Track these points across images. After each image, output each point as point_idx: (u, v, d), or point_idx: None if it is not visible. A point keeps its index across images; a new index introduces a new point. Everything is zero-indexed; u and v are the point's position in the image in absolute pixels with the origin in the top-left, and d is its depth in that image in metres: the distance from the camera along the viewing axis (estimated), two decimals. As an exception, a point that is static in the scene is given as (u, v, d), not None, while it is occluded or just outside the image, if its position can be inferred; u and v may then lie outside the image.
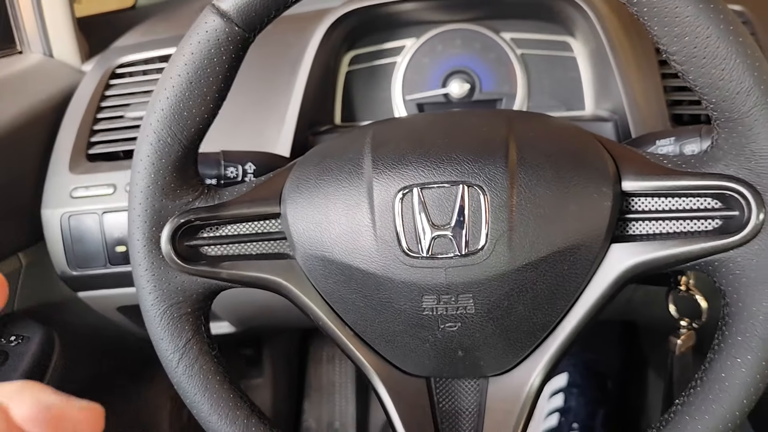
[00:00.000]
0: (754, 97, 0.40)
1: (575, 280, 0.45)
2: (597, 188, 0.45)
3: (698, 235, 0.45)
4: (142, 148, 0.47)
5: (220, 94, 0.46)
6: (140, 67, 0.83)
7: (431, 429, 0.50)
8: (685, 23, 0.40)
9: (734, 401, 0.43)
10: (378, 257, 0.45)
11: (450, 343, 0.47)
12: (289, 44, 0.78)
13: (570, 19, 0.76)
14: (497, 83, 0.79)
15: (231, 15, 0.44)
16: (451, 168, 0.45)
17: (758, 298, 0.43)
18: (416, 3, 0.77)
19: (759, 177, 0.42)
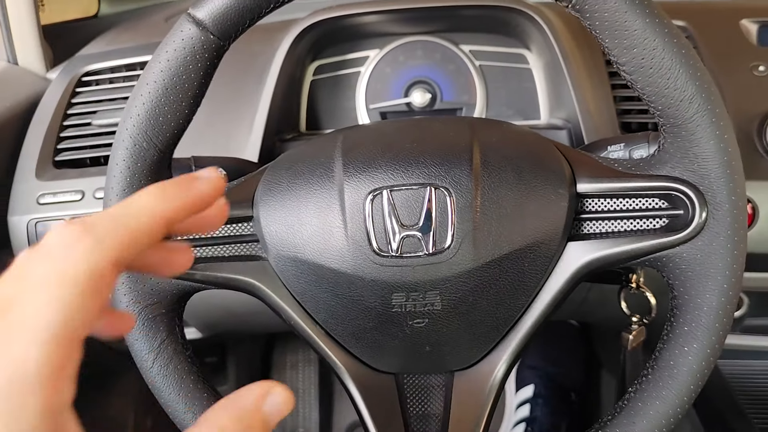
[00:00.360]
0: (696, 104, 0.44)
1: (535, 276, 0.48)
2: (554, 190, 0.47)
3: (647, 233, 0.48)
4: (118, 152, 0.47)
5: (195, 100, 0.47)
6: (107, 75, 0.83)
7: (400, 423, 0.51)
8: (633, 36, 0.43)
9: (682, 387, 0.46)
10: (349, 257, 0.47)
11: (418, 339, 0.49)
12: (256, 54, 0.80)
13: (525, 32, 0.79)
14: (457, 93, 0.82)
15: (206, 24, 0.45)
16: (419, 171, 0.47)
17: (702, 291, 0.46)
18: (379, 15, 0.79)
19: (701, 178, 0.45)
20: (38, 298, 0.24)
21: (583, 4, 0.43)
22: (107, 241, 0.26)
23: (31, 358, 0.23)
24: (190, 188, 0.30)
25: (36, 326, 0.23)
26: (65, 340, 0.24)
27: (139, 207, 0.28)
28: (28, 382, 0.23)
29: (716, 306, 0.45)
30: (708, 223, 0.45)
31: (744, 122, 0.70)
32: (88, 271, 0.25)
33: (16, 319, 0.23)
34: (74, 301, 0.24)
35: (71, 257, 0.25)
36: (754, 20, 0.78)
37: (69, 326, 0.24)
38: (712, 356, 0.46)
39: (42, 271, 0.24)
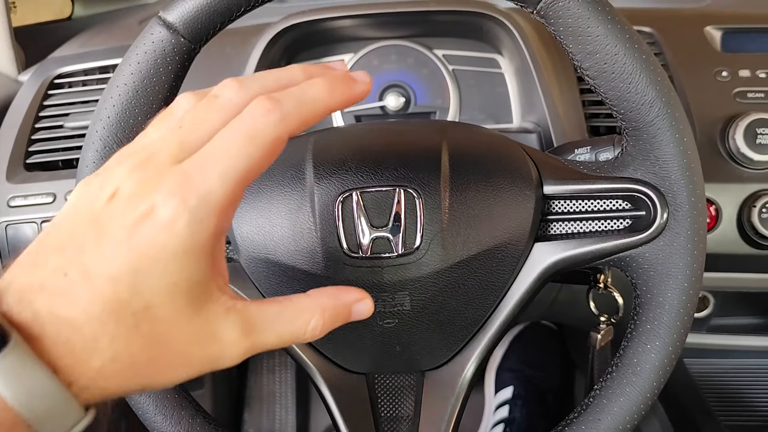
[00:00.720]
0: (656, 108, 0.45)
1: (503, 276, 0.49)
2: (521, 191, 0.48)
3: (611, 233, 0.49)
4: (88, 154, 0.47)
5: (166, 102, 0.47)
6: (79, 77, 0.83)
7: (371, 422, 0.52)
8: (596, 41, 0.44)
9: (646, 384, 0.47)
10: (320, 258, 0.47)
11: (388, 339, 0.50)
12: (230, 57, 0.80)
13: (497, 38, 0.80)
14: (431, 97, 0.83)
15: (177, 27, 0.45)
16: (389, 173, 0.47)
17: (664, 290, 0.47)
18: (353, 20, 0.80)
19: (662, 180, 0.47)
20: (233, 147, 0.31)
21: (548, 11, 0.44)
22: (289, 119, 0.32)
23: (216, 190, 0.30)
24: (352, 89, 0.36)
25: (226, 168, 0.30)
26: (241, 184, 0.31)
27: (314, 96, 0.34)
28: (211, 208, 0.30)
29: (677, 304, 0.47)
30: (669, 223, 0.47)
31: (707, 126, 0.72)
32: (273, 137, 0.32)
33: (213, 157, 0.30)
34: (257, 157, 0.31)
35: (263, 124, 0.31)
36: (717, 27, 0.80)
37: (247, 175, 0.31)
38: (674, 353, 0.47)
39: (238, 128, 0.31)
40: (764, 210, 0.68)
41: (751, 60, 0.77)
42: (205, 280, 0.31)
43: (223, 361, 0.33)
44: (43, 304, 0.28)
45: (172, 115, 0.34)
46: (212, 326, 0.32)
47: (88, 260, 0.29)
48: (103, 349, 0.29)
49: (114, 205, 0.30)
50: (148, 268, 0.29)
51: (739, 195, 0.70)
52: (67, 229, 0.30)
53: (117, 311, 0.29)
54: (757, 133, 0.69)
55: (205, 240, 0.30)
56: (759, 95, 0.74)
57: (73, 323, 0.28)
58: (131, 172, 0.31)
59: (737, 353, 0.87)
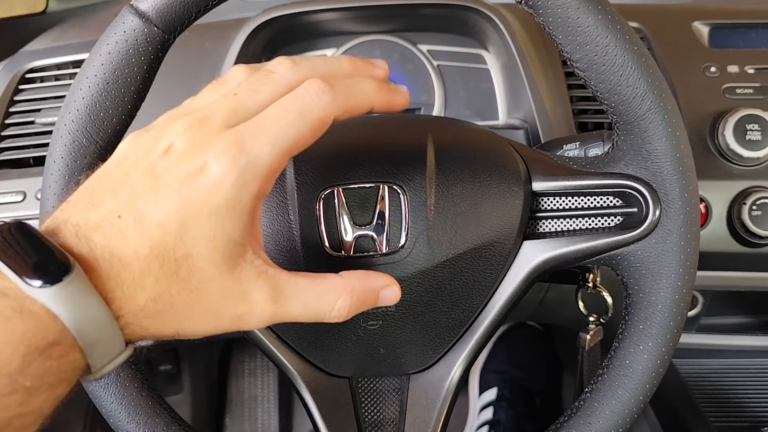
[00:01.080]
0: (648, 101, 0.44)
1: (490, 275, 0.47)
2: (509, 188, 0.47)
3: (602, 231, 0.48)
4: (56, 149, 0.45)
5: (138, 95, 0.46)
6: (52, 72, 0.80)
7: (354, 428, 0.51)
8: (586, 33, 0.43)
9: (638, 386, 0.46)
10: (301, 258, 0.45)
11: (372, 342, 0.48)
12: (209, 52, 0.78)
13: (483, 33, 0.79)
14: (415, 93, 0.82)
15: (150, 15, 0.43)
16: (372, 169, 0.46)
17: (656, 288, 0.46)
18: (335, 13, 0.78)
19: (654, 175, 0.46)
20: (285, 119, 0.33)
21: (536, 1, 0.43)
22: (338, 103, 0.35)
23: (265, 155, 0.33)
24: (395, 98, 0.39)
25: (277, 137, 0.33)
26: (287, 153, 0.34)
27: (364, 89, 0.37)
28: (257, 171, 0.33)
29: (670, 303, 0.45)
30: (661, 220, 0.46)
31: (696, 122, 0.71)
32: (322, 117, 0.35)
33: (265, 125, 0.33)
34: (305, 131, 0.34)
35: (315, 103, 0.34)
36: (705, 22, 0.79)
37: (294, 146, 0.34)
38: (667, 354, 0.46)
39: (293, 102, 0.34)
40: (755, 207, 0.67)
41: (739, 55, 0.76)
42: (241, 239, 0.34)
43: (249, 321, 0.36)
44: (99, 241, 0.31)
45: (226, 83, 0.37)
46: (243, 286, 0.35)
47: (140, 205, 0.32)
48: (147, 287, 0.32)
49: (169, 158, 0.33)
50: (193, 220, 0.32)
51: (729, 192, 0.69)
52: (121, 176, 0.34)
53: (162, 255, 0.32)
54: (746, 129, 0.68)
55: (247, 200, 0.33)
56: (748, 91, 0.73)
57: (124, 261, 0.31)
58: (186, 130, 0.33)
59: (727, 353, 0.86)
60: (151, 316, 0.33)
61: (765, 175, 0.69)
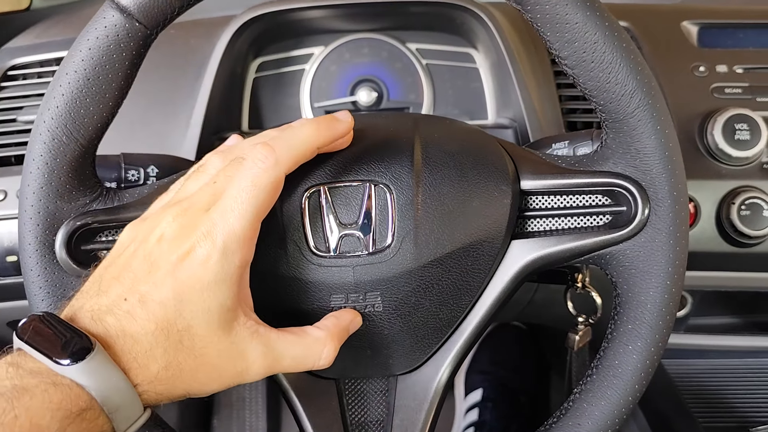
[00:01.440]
0: (637, 99, 0.43)
1: (478, 275, 0.47)
2: (497, 186, 0.46)
3: (591, 230, 0.48)
4: (35, 147, 0.44)
5: (120, 92, 0.45)
6: (34, 69, 0.79)
7: (340, 430, 0.50)
8: (574, 29, 0.42)
9: (628, 386, 0.46)
10: (285, 257, 0.45)
11: (358, 343, 0.47)
12: (194, 49, 0.77)
13: (472, 31, 0.79)
14: (404, 92, 0.81)
15: (131, 10, 0.42)
16: (358, 167, 0.45)
17: (645, 288, 0.46)
18: (322, 11, 0.78)
19: (643, 174, 0.45)
20: (242, 194, 0.39)
21: None
22: (283, 161, 0.40)
23: (236, 230, 0.38)
24: (336, 128, 0.44)
25: (239, 212, 0.38)
26: (255, 220, 0.39)
27: (303, 137, 0.42)
28: (235, 245, 0.38)
29: (659, 303, 0.45)
30: (650, 219, 0.45)
31: (685, 122, 0.71)
32: (272, 180, 0.39)
33: (230, 204, 0.38)
34: (262, 198, 0.39)
35: (262, 170, 0.39)
36: (694, 22, 0.79)
37: (258, 212, 0.39)
38: (656, 354, 0.46)
39: (244, 176, 0.39)
40: (743, 207, 0.67)
41: (728, 55, 0.76)
42: (233, 306, 0.39)
43: (248, 376, 0.40)
44: (112, 322, 0.37)
45: (206, 171, 0.43)
46: (239, 346, 0.39)
47: (143, 288, 0.37)
48: (158, 357, 0.37)
49: (162, 245, 0.38)
50: (188, 296, 0.37)
51: (718, 192, 0.69)
52: (123, 264, 0.39)
53: (166, 328, 0.37)
54: (735, 128, 0.68)
55: (232, 271, 0.38)
56: (736, 90, 0.73)
57: (135, 337, 0.36)
58: (174, 219, 0.39)
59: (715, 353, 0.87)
60: (163, 382, 0.37)
61: (754, 174, 0.69)
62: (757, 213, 0.67)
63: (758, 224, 0.67)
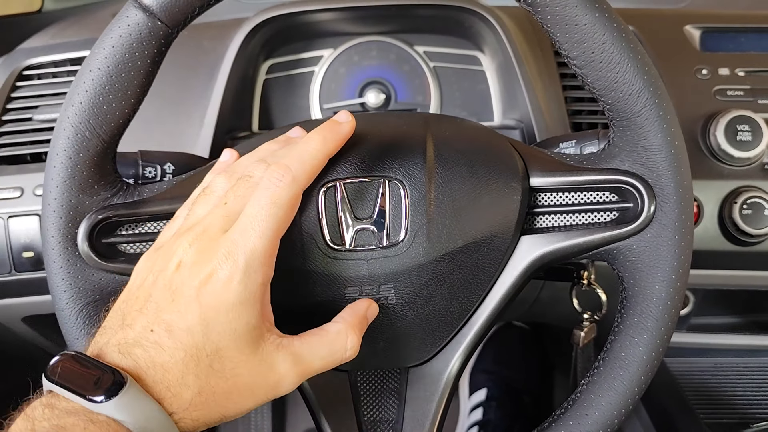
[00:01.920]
0: (644, 98, 0.45)
1: (489, 269, 0.48)
2: (507, 183, 0.48)
3: (598, 226, 0.49)
4: (59, 141, 0.46)
5: (142, 89, 0.46)
6: (50, 69, 0.80)
7: (353, 421, 0.51)
8: (583, 30, 0.44)
9: (633, 378, 0.47)
10: (301, 251, 0.46)
11: (371, 335, 0.48)
12: (207, 50, 0.78)
13: (479, 34, 0.80)
14: (411, 94, 0.82)
15: (154, 9, 0.44)
16: (373, 163, 0.46)
17: (651, 282, 0.47)
18: (332, 14, 0.79)
19: (650, 171, 0.46)
20: (262, 212, 0.39)
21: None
22: (299, 178, 0.41)
23: (258, 249, 0.38)
24: (340, 131, 0.45)
25: (260, 231, 0.39)
26: (275, 238, 0.40)
27: (312, 152, 0.43)
28: (257, 264, 0.38)
29: (665, 296, 0.46)
30: (656, 215, 0.46)
31: (688, 123, 0.72)
32: (291, 197, 0.40)
33: (250, 223, 0.39)
34: (281, 215, 0.40)
35: (281, 189, 0.40)
36: (697, 26, 0.81)
37: (278, 230, 0.40)
38: (661, 346, 0.47)
39: (263, 195, 0.40)
40: (745, 206, 0.68)
41: (730, 59, 0.77)
42: (258, 324, 0.39)
43: (282, 388, 0.41)
44: (140, 354, 0.37)
45: (213, 192, 0.43)
46: (268, 361, 0.40)
47: (167, 318, 0.37)
48: (190, 384, 0.37)
49: (182, 272, 0.38)
50: (214, 319, 0.38)
51: (720, 191, 0.70)
52: (144, 295, 0.39)
53: (196, 354, 0.37)
54: (737, 129, 0.69)
55: (255, 290, 0.39)
56: (738, 93, 0.74)
57: (165, 366, 0.36)
58: (191, 245, 0.39)
59: (717, 352, 0.87)
60: (198, 408, 0.37)
61: (755, 174, 0.70)
62: (758, 212, 0.68)
63: (760, 223, 0.68)
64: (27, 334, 0.82)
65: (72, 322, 0.47)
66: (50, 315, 0.48)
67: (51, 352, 0.85)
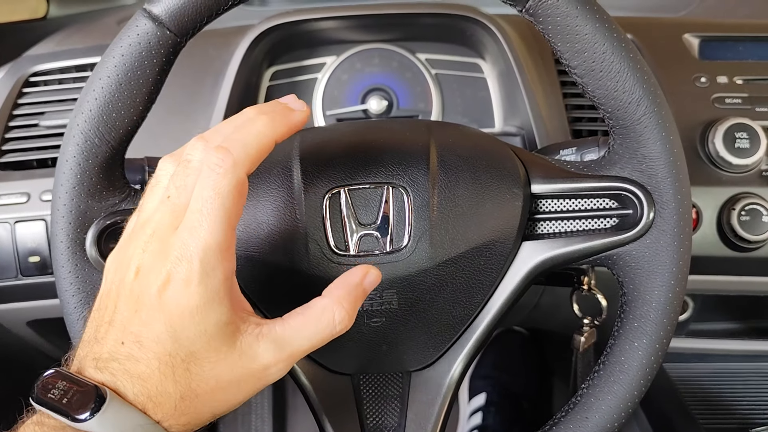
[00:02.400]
0: (644, 106, 0.45)
1: (491, 274, 0.49)
2: (509, 189, 0.48)
3: (598, 232, 0.49)
4: (69, 148, 0.46)
5: (150, 97, 0.47)
6: (56, 75, 0.81)
7: (356, 425, 0.51)
8: (584, 40, 0.44)
9: (633, 381, 0.47)
10: (307, 257, 0.46)
11: (375, 338, 0.49)
12: (212, 58, 0.79)
13: (481, 42, 0.81)
14: (413, 101, 0.83)
15: (163, 19, 0.44)
16: (377, 170, 0.47)
17: (651, 287, 0.47)
18: (335, 22, 0.80)
19: (649, 178, 0.47)
20: (207, 205, 0.36)
21: (537, 9, 0.44)
22: (241, 162, 0.37)
23: (212, 243, 0.36)
24: (291, 118, 0.41)
25: (210, 223, 0.36)
26: (230, 228, 0.37)
27: (257, 133, 0.39)
28: (213, 257, 0.36)
29: (664, 301, 0.47)
30: (655, 221, 0.47)
31: (687, 131, 0.73)
32: (234, 184, 0.37)
33: (196, 219, 0.36)
34: (228, 205, 0.36)
35: (221, 176, 0.36)
36: (695, 35, 0.81)
37: (230, 220, 0.37)
38: (660, 351, 0.47)
39: (204, 186, 0.36)
40: (743, 213, 0.69)
41: (728, 67, 0.78)
42: (229, 319, 0.37)
43: (271, 376, 0.39)
44: (117, 368, 0.36)
45: (158, 183, 0.40)
46: (249, 353, 0.38)
47: (135, 329, 0.36)
48: (171, 392, 0.36)
49: (140, 280, 0.37)
50: (180, 325, 0.36)
51: (719, 198, 0.71)
52: (112, 306, 0.38)
53: (170, 362, 0.36)
54: (735, 137, 0.70)
55: (218, 287, 0.36)
56: (737, 101, 0.75)
57: (143, 377, 0.36)
58: (144, 249, 0.37)
59: (716, 357, 0.88)
60: (185, 413, 0.37)
61: (753, 181, 0.71)
62: (756, 218, 0.68)
63: (758, 229, 0.68)
64: (31, 338, 0.83)
65: (80, 327, 0.47)
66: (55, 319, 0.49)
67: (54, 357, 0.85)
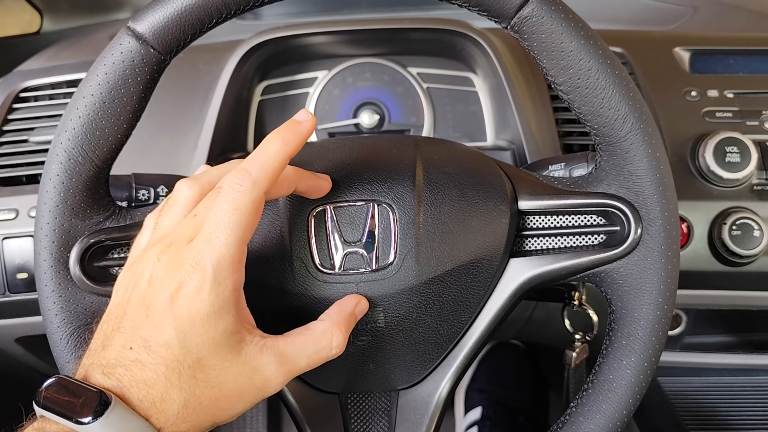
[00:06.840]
0: (629, 123, 0.45)
1: (478, 292, 0.48)
2: (496, 206, 0.48)
3: (586, 249, 0.49)
4: (52, 167, 0.46)
5: (134, 115, 0.46)
6: (46, 91, 0.81)
7: None
8: (569, 57, 0.44)
9: (622, 400, 0.47)
10: (291, 274, 0.46)
11: (361, 357, 0.49)
12: (202, 73, 0.79)
13: (472, 56, 0.81)
14: (405, 115, 0.83)
15: (147, 37, 0.44)
16: (362, 187, 0.47)
17: (639, 305, 0.47)
18: (327, 37, 0.80)
19: (636, 195, 0.47)
20: (225, 219, 0.38)
21: (521, 26, 0.44)
22: (259, 180, 0.40)
23: (226, 254, 0.38)
24: (300, 130, 0.43)
25: (225, 237, 0.38)
26: (242, 243, 0.39)
27: (273, 152, 0.41)
28: (226, 268, 0.38)
29: (652, 319, 0.46)
30: (642, 238, 0.47)
31: (678, 145, 0.73)
32: (252, 202, 0.39)
33: (213, 231, 0.38)
34: (245, 220, 0.39)
35: (241, 194, 0.39)
36: (686, 48, 0.82)
37: (244, 235, 0.39)
38: (649, 369, 0.47)
39: (224, 201, 0.39)
40: (734, 227, 0.68)
41: (718, 81, 0.78)
42: (236, 329, 0.39)
43: (269, 389, 0.41)
44: (123, 373, 0.37)
45: (176, 203, 0.42)
46: (253, 364, 0.40)
47: (144, 334, 0.38)
48: (175, 398, 0.37)
49: (153, 287, 0.38)
50: (190, 331, 0.37)
51: (710, 212, 0.71)
52: (120, 313, 0.39)
53: (177, 368, 0.37)
54: (726, 151, 0.70)
55: (227, 296, 0.38)
56: (727, 114, 0.75)
57: (148, 383, 0.37)
58: (159, 258, 0.39)
59: (710, 371, 0.87)
60: (187, 420, 0.38)
61: (744, 195, 0.71)
62: (747, 233, 0.68)
63: (749, 244, 0.68)
64: (21, 355, 0.82)
65: (63, 346, 0.47)
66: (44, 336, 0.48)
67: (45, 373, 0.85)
